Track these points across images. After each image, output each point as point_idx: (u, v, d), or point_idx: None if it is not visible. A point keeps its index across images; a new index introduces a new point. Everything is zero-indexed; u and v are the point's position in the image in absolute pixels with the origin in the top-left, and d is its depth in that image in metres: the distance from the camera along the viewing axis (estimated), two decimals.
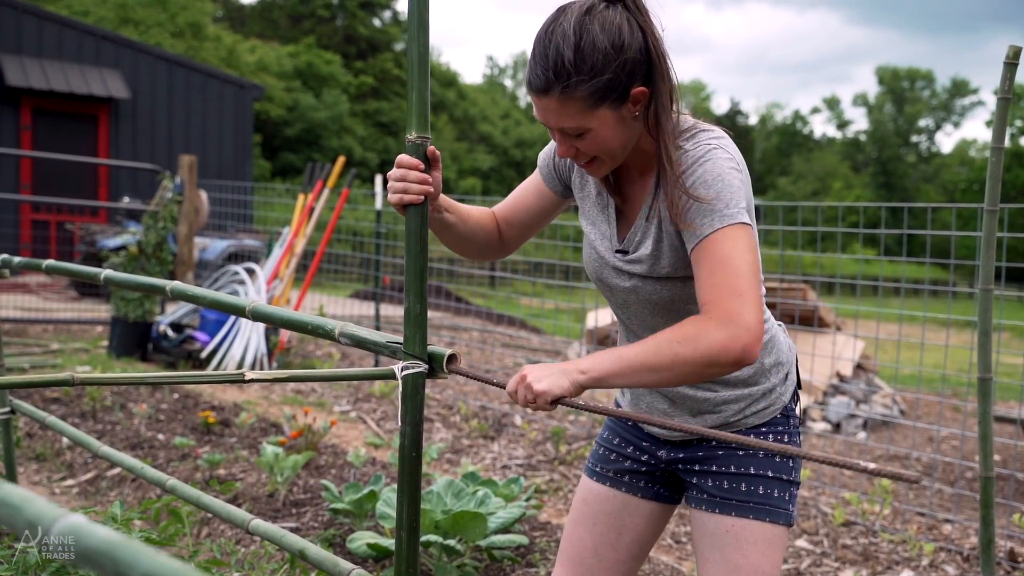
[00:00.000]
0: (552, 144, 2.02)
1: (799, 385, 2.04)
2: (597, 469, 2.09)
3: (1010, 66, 2.39)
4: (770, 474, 1.89)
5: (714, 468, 1.93)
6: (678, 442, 1.99)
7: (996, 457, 6.11)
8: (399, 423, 1.61)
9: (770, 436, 1.95)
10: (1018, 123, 54.11)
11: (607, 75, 1.66)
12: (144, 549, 0.58)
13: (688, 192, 1.71)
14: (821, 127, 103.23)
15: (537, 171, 2.06)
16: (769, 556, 1.87)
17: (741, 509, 1.88)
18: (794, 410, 2.00)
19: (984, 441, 2.58)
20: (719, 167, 1.71)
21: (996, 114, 2.45)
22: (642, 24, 1.69)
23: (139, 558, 0.57)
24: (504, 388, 1.71)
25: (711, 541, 1.90)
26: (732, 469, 1.91)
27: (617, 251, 1.90)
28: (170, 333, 7.31)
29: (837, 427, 6.65)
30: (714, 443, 1.94)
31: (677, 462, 1.99)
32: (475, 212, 2.03)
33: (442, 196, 1.87)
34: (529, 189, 2.07)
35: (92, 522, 0.62)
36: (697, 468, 1.95)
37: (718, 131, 1.81)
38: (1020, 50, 2.39)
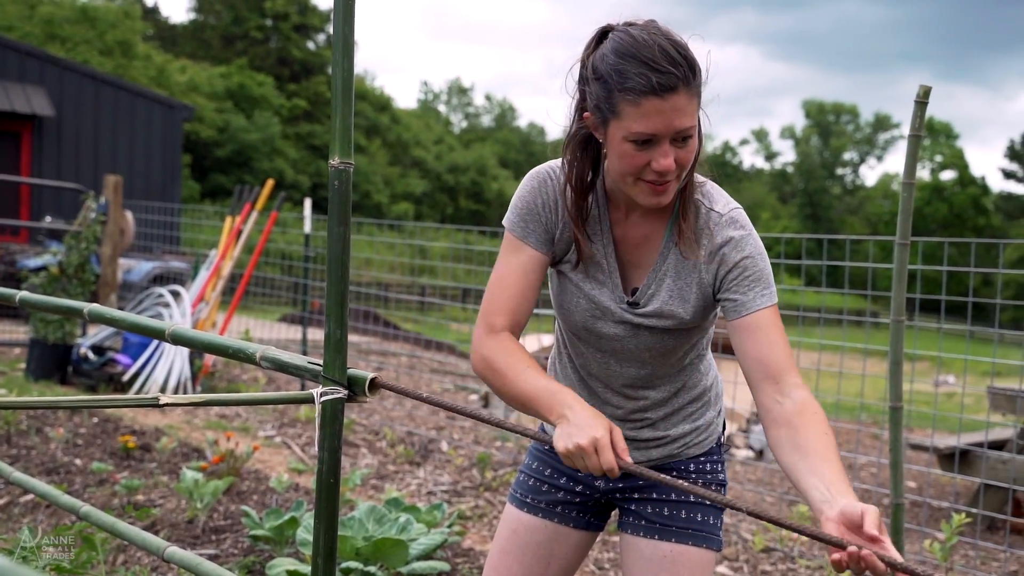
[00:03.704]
0: (527, 204, 1.83)
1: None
2: (528, 500, 2.07)
3: (920, 105, 2.47)
4: (707, 502, 1.94)
5: (654, 496, 1.96)
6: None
7: (912, 484, 6.26)
8: (317, 449, 1.60)
9: (708, 464, 2.02)
10: (938, 158, 55.73)
11: (701, 73, 1.68)
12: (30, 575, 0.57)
13: (746, 260, 1.76)
14: (750, 158, 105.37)
15: (521, 246, 1.83)
16: None
17: (680, 535, 1.92)
18: (722, 437, 2.08)
19: (895, 468, 2.65)
20: (758, 241, 1.79)
21: (908, 150, 2.53)
22: None
23: None
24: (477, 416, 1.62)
25: (646, 566, 1.93)
26: (672, 496, 1.95)
27: (628, 303, 1.85)
28: (91, 356, 7.15)
29: (760, 454, 6.75)
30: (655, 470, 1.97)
31: (615, 492, 2.01)
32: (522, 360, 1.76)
33: None
34: (524, 273, 1.82)
35: None
36: (636, 496, 1.99)
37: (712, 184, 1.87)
38: (930, 90, 2.48)
